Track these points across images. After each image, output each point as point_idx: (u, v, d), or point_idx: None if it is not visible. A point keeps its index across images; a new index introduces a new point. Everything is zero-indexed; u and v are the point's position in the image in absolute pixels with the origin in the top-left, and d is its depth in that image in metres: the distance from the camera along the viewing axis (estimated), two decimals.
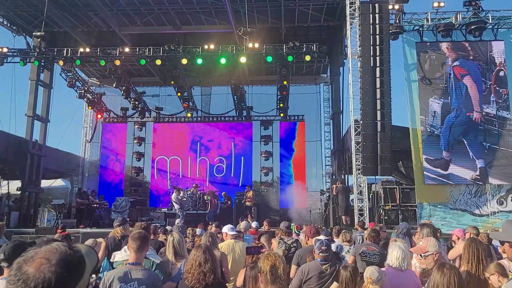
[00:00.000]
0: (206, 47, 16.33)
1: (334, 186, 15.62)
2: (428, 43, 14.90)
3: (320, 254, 4.57)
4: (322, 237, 5.43)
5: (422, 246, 3.81)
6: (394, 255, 4.15)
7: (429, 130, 14.40)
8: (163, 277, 3.96)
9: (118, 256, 4.15)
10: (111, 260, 4.19)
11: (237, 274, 4.60)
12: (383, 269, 4.10)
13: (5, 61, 16.57)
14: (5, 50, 16.36)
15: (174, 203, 15.72)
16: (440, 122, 14.35)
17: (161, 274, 3.87)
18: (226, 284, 4.21)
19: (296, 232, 8.24)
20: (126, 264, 3.59)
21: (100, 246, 5.29)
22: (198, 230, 8.83)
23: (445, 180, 13.97)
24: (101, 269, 4.24)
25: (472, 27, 14.41)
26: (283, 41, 17.10)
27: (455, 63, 14.65)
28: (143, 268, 3.52)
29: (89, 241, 5.34)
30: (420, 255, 3.78)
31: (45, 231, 13.06)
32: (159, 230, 7.52)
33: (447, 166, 14.07)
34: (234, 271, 5.17)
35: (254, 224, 9.69)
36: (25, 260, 1.15)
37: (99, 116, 23.38)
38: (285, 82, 18.97)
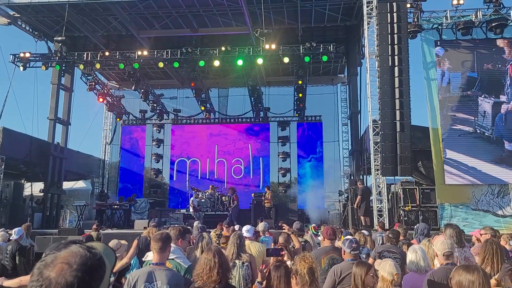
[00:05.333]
0: (223, 48, 16.44)
1: (356, 185, 15.46)
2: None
3: (352, 252, 4.49)
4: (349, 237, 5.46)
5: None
6: (409, 258, 4.21)
7: (478, 132, 13.69)
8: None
9: (150, 255, 4.20)
10: (143, 259, 4.22)
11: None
12: (405, 275, 4.13)
13: (27, 65, 17.01)
14: (27, 55, 16.80)
15: (190, 206, 15.87)
16: (491, 122, 13.66)
17: (190, 277, 3.75)
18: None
19: (314, 232, 8.20)
20: (149, 264, 3.64)
21: (124, 248, 5.37)
22: (261, 225, 8.25)
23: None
24: (131, 266, 4.27)
25: (493, 24, 14.13)
26: (299, 42, 17.09)
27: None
28: (166, 269, 3.57)
29: (113, 242, 5.43)
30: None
31: (68, 231, 13.31)
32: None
33: None
34: None
35: (261, 227, 8.43)
36: (46, 265, 1.14)
37: (118, 118, 23.76)
38: (300, 82, 18.95)
